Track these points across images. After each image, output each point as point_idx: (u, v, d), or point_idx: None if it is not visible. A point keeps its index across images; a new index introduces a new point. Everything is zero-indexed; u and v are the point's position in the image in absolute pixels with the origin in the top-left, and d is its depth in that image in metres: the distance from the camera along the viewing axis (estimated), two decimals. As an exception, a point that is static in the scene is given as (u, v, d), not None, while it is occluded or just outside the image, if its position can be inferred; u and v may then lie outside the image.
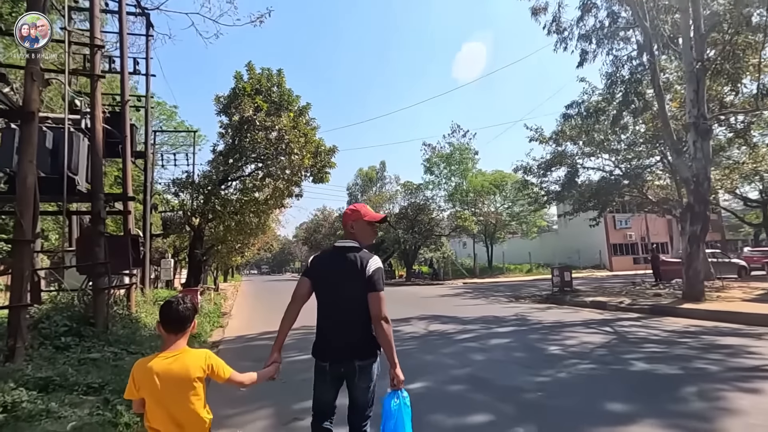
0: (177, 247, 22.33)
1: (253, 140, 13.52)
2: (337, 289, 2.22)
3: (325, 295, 2.29)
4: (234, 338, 8.76)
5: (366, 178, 53.90)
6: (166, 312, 1.82)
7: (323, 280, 2.29)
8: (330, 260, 2.31)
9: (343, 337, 2.23)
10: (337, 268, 2.25)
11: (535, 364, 5.07)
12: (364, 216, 2.38)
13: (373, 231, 2.44)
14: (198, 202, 14.24)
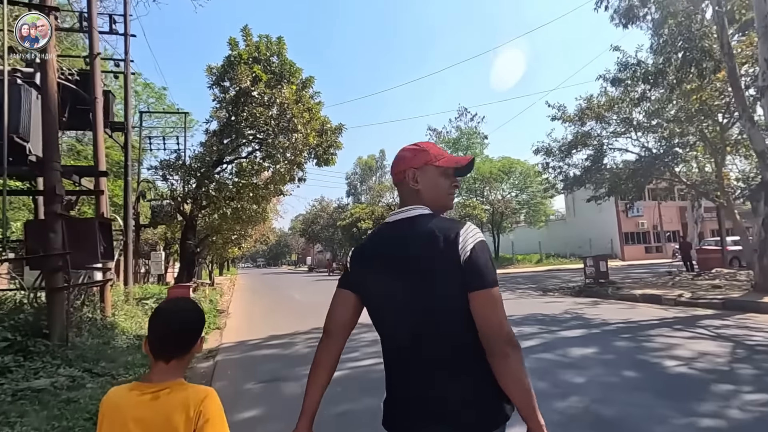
0: (169, 238, 20.68)
1: (251, 115, 11.86)
2: (408, 297, 1.12)
3: (386, 315, 1.22)
4: (234, 345, 7.22)
5: (365, 166, 52.29)
6: (157, 325, 1.17)
7: (379, 287, 1.19)
8: (386, 247, 1.21)
9: (427, 387, 1.11)
10: (400, 258, 1.15)
11: (669, 392, 3.58)
12: (436, 160, 1.26)
13: (451, 187, 1.30)
14: (189, 186, 12.59)
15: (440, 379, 1.07)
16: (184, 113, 19.78)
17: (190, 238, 12.90)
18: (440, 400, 1.07)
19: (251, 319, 10.32)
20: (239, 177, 12.97)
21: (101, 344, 5.39)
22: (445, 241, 1.09)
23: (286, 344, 6.85)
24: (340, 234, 41.58)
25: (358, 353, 5.82)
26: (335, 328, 1.25)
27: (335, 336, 1.26)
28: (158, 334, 1.17)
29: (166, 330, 1.17)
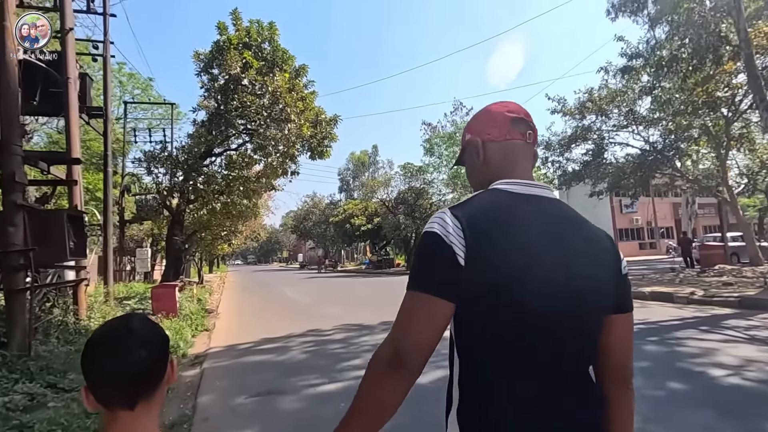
0: (156, 234, 19.90)
1: (241, 104, 11.19)
2: (567, 305, 0.80)
3: (529, 323, 0.80)
4: (223, 349, 6.62)
5: (358, 162, 51.56)
6: (102, 362, 0.78)
7: (522, 285, 0.78)
8: (533, 231, 0.82)
9: (562, 416, 0.80)
10: (561, 252, 0.82)
11: (732, 408, 3.10)
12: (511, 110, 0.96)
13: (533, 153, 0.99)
14: (176, 179, 11.90)
15: (579, 408, 0.83)
16: (171, 104, 18.97)
17: (177, 233, 12.21)
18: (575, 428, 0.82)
19: (242, 320, 9.71)
20: (229, 170, 12.31)
21: (72, 352, 4.77)
22: (607, 245, 0.89)
23: (281, 349, 6.28)
24: (333, 230, 40.95)
25: (360, 360, 5.27)
26: (420, 356, 0.78)
27: (417, 368, 0.79)
28: (105, 374, 0.77)
29: (116, 366, 0.77)
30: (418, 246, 0.82)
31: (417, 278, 0.79)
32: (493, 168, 0.93)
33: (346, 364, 5.11)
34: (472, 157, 0.97)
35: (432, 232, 0.79)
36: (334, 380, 4.52)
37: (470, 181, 1.02)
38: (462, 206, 0.84)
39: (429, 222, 0.83)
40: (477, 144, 0.95)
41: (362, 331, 7.15)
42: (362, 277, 25.13)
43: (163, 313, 7.58)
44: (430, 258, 0.79)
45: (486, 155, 0.94)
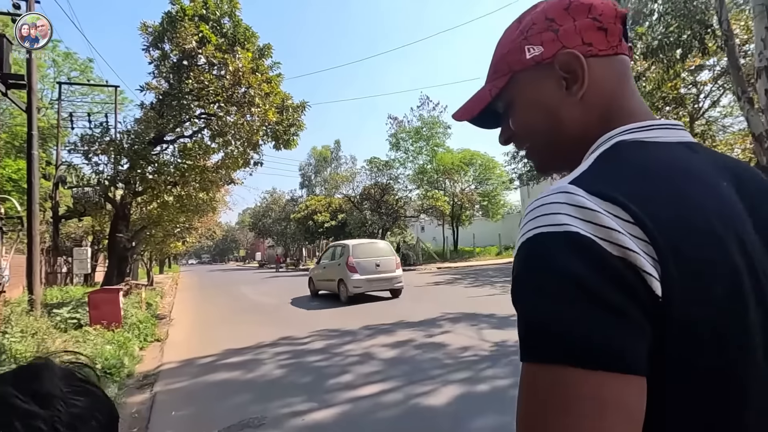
0: (98, 232, 17.87)
1: (198, 84, 9.94)
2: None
3: (746, 373, 0.40)
4: (179, 365, 5.56)
5: (320, 157, 50.19)
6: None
7: (735, 316, 0.39)
8: (722, 203, 0.44)
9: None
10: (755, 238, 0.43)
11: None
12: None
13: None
14: (120, 167, 10.43)
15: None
16: (114, 87, 17.03)
17: (122, 230, 10.75)
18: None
19: (200, 327, 8.56)
20: (183, 158, 10.98)
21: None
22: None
23: (251, 363, 5.31)
24: (294, 227, 39.43)
25: (350, 375, 4.45)
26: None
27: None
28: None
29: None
30: (536, 268, 0.40)
31: (567, 341, 0.37)
32: (603, 104, 0.53)
33: (335, 382, 4.27)
34: (537, 95, 0.55)
35: (569, 232, 0.39)
36: (324, 404, 3.67)
37: (540, 145, 0.58)
38: (601, 177, 0.44)
39: (540, 213, 0.41)
40: (568, 60, 0.52)
41: (344, 338, 6.30)
42: (327, 276, 24.13)
43: (103, 324, 6.36)
44: (588, 290, 0.37)
45: (592, 78, 0.52)
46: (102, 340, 5.78)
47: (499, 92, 0.58)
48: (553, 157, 0.59)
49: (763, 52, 8.47)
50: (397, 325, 6.99)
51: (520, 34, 0.57)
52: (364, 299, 10.57)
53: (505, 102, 0.59)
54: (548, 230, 0.40)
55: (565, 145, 0.56)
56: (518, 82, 0.57)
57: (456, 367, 4.40)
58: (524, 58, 0.55)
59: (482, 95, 0.60)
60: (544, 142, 0.58)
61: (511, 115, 0.59)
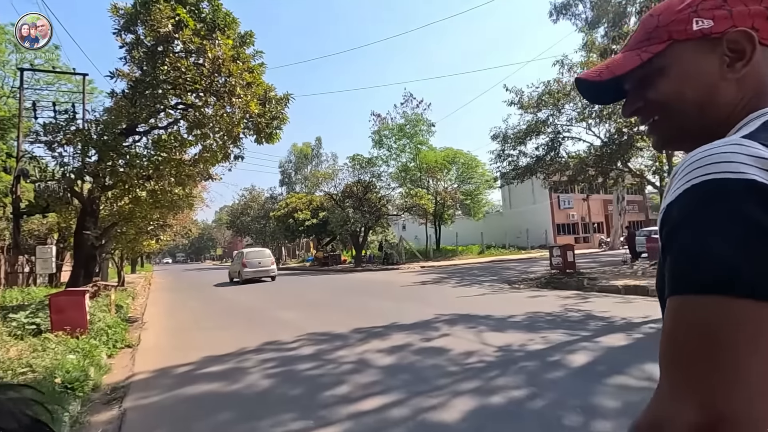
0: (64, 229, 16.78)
1: (174, 70, 9.29)
2: None
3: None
4: (152, 375, 5.02)
5: (300, 154, 49.29)
6: None
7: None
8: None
9: None
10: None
11: None
12: None
13: None
14: (88, 159, 9.66)
15: None
16: (82, 75, 15.98)
17: (90, 227, 9.97)
18: None
19: (176, 331, 7.97)
20: (158, 150, 10.28)
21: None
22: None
23: (234, 373, 4.83)
24: (274, 225, 38.51)
25: (347, 386, 4.03)
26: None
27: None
28: None
29: None
30: (709, 207, 0.41)
31: (738, 273, 0.39)
32: (756, 87, 0.54)
33: (330, 394, 3.84)
34: (700, 67, 0.56)
35: (748, 180, 0.40)
36: (322, 422, 3.25)
37: (685, 117, 0.58)
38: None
39: (713, 160, 0.43)
40: (720, 36, 0.54)
41: (334, 342, 5.87)
42: (309, 275, 23.54)
43: (66, 330, 5.74)
44: (764, 232, 0.39)
45: (751, 64, 0.53)
46: (64, 348, 5.18)
47: (651, 57, 0.58)
48: (687, 130, 0.59)
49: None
50: (390, 328, 6.60)
51: (687, 7, 0.57)
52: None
53: (654, 68, 0.59)
54: (726, 176, 0.41)
55: (707, 119, 0.56)
56: (677, 51, 0.57)
57: (463, 376, 4.04)
58: (690, 28, 0.56)
59: (629, 59, 0.60)
60: (687, 113, 0.58)
61: (657, 82, 0.59)
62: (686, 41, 0.56)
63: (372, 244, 35.56)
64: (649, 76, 0.60)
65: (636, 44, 0.61)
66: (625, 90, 0.65)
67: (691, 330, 0.40)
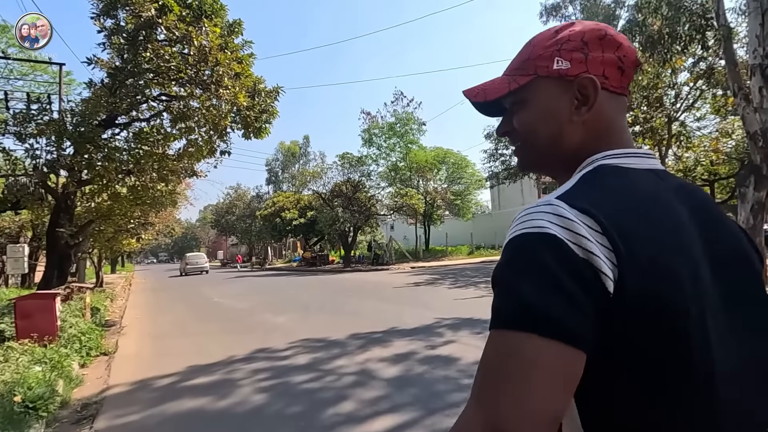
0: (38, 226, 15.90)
1: (157, 57, 8.72)
2: (738, 332, 0.55)
3: (699, 370, 0.51)
4: (130, 388, 4.52)
5: (288, 153, 48.43)
6: None
7: (687, 315, 0.50)
8: (679, 228, 0.54)
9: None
10: (715, 251, 0.56)
11: None
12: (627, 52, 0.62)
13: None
14: (63, 152, 9.01)
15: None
16: (59, 64, 15.14)
17: (64, 224, 9.30)
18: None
19: (157, 337, 7.42)
20: (139, 143, 9.67)
21: None
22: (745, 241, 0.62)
23: (222, 386, 4.36)
24: (260, 225, 37.71)
25: (352, 403, 3.61)
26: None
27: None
28: None
29: None
30: (517, 258, 0.51)
31: (528, 313, 0.47)
32: (598, 130, 0.61)
33: (333, 413, 3.42)
34: (553, 104, 0.62)
35: (547, 235, 0.49)
36: (326, 449, 2.82)
37: (538, 150, 0.65)
38: (583, 196, 0.53)
39: (528, 218, 0.52)
40: (573, 78, 0.60)
41: (331, 350, 5.44)
42: (296, 276, 22.96)
43: (33, 337, 5.16)
44: (552, 278, 0.47)
45: (597, 107, 0.60)
46: (29, 359, 4.63)
47: (518, 88, 0.63)
48: (539, 160, 0.66)
49: (757, 49, 8.33)
50: (390, 333, 6.19)
51: (554, 44, 0.62)
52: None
53: (519, 98, 0.64)
54: (532, 231, 0.50)
55: (555, 155, 0.63)
56: (539, 85, 0.62)
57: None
58: (551, 66, 0.61)
59: (501, 85, 0.64)
60: (538, 146, 0.64)
61: (519, 112, 0.64)
62: (547, 78, 0.61)
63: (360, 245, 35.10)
64: (515, 104, 0.65)
65: (511, 71, 0.66)
66: (505, 109, 0.69)
67: (489, 356, 0.49)
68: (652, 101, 12.38)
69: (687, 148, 14.93)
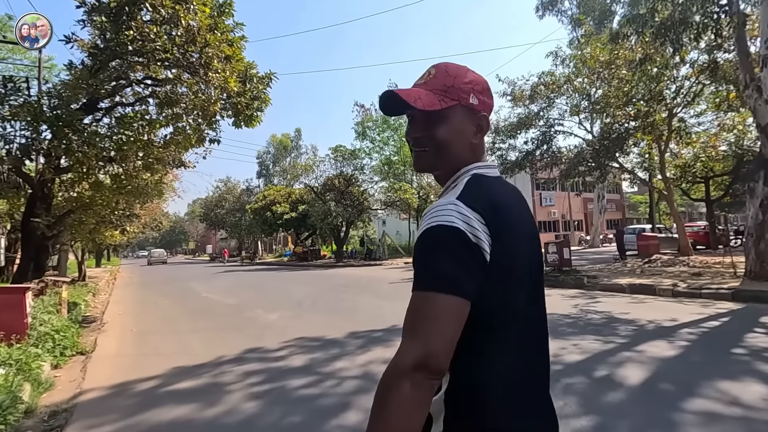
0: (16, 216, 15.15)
1: (141, 36, 8.15)
2: (540, 288, 0.94)
3: (521, 311, 0.87)
4: (106, 393, 4.06)
5: (279, 146, 47.62)
6: None
7: (521, 272, 0.87)
8: (523, 213, 0.93)
9: (552, 409, 0.91)
10: (533, 232, 0.95)
11: None
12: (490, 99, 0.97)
13: None
14: (39, 136, 8.40)
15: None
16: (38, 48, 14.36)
17: (41, 214, 8.71)
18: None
19: (140, 334, 6.93)
20: (121, 128, 9.09)
21: None
22: None
23: (209, 390, 3.92)
24: (250, 219, 36.98)
25: (356, 413, 3.21)
26: (447, 362, 0.73)
27: (443, 375, 0.75)
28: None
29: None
30: (433, 241, 0.76)
31: (440, 279, 0.74)
32: (480, 148, 0.91)
33: (337, 425, 3.01)
34: (464, 130, 0.88)
35: (454, 227, 0.75)
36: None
37: (446, 156, 0.88)
38: (472, 197, 0.79)
39: (440, 214, 0.77)
40: (478, 113, 0.89)
41: (329, 351, 5.02)
42: (288, 271, 22.47)
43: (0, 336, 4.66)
44: (457, 257, 0.74)
45: (483, 131, 0.91)
46: (-5, 360, 4.14)
47: (442, 108, 0.85)
48: (439, 164, 0.88)
49: (769, 40, 8.07)
50: (391, 332, 5.79)
51: (470, 83, 0.87)
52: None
53: (440, 115, 0.85)
54: (443, 222, 0.75)
55: (453, 162, 0.87)
56: (458, 110, 0.86)
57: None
58: (468, 100, 0.86)
59: (432, 100, 0.84)
60: (446, 154, 0.86)
61: (438, 126, 0.85)
62: (464, 107, 0.86)
63: (352, 239, 34.62)
64: (435, 118, 0.85)
65: (436, 90, 0.86)
66: (410, 115, 0.90)
67: (414, 308, 0.74)
68: (655, 94, 12.12)
69: (686, 144, 14.75)
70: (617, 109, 12.79)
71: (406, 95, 0.83)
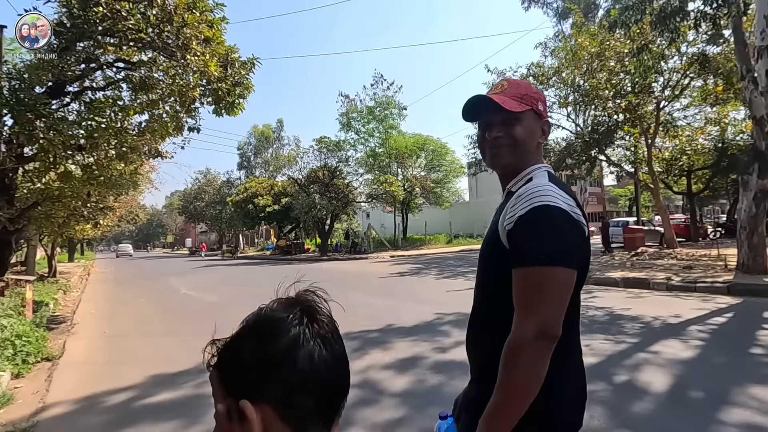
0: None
1: (111, 14, 7.52)
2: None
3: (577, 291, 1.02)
4: (73, 407, 3.62)
5: (261, 137, 46.50)
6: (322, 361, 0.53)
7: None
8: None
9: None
10: None
11: None
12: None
13: None
14: None
15: None
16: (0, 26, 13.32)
17: (2, 207, 8.01)
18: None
19: (114, 337, 6.41)
20: (91, 114, 8.43)
21: None
22: None
23: (191, 403, 3.51)
24: (231, 212, 36.06)
25: (359, 430, 2.85)
26: (560, 329, 0.87)
27: (557, 340, 0.87)
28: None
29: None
30: (545, 221, 0.87)
31: (552, 253, 0.85)
32: (541, 149, 1.09)
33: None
34: (535, 132, 1.04)
35: (561, 208, 0.89)
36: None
37: (520, 153, 1.02)
38: (560, 186, 0.94)
39: (541, 194, 0.89)
40: (543, 119, 1.06)
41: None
42: (271, 265, 21.89)
43: (-52, 344, 4.12)
44: (565, 232, 0.88)
45: (546, 134, 1.07)
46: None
47: (523, 110, 1.01)
48: (515, 160, 1.02)
49: (765, 30, 7.96)
50: (387, 332, 5.46)
51: (536, 93, 1.06)
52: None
53: (516, 117, 1.01)
54: (551, 203, 0.88)
55: (522, 158, 1.02)
56: (530, 114, 1.02)
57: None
58: (537, 106, 1.04)
59: (515, 105, 1.00)
60: (520, 152, 1.02)
61: (515, 126, 1.01)
62: (535, 112, 1.03)
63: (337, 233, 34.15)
64: (513, 121, 1.01)
65: (514, 97, 1.01)
66: (487, 120, 1.05)
67: (526, 282, 0.86)
68: (644, 87, 12.04)
69: (673, 137, 14.81)
70: (607, 100, 12.67)
71: (499, 100, 0.99)
